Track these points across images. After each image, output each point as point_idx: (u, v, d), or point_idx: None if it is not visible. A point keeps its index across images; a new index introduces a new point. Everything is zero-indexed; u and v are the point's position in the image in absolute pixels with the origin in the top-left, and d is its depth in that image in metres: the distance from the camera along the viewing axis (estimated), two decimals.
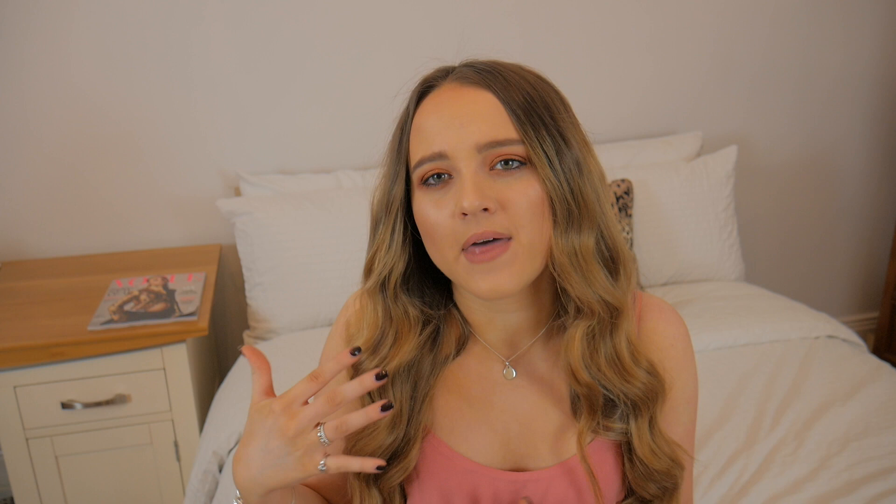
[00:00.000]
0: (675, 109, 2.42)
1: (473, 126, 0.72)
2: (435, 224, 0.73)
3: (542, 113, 0.73)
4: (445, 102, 0.74)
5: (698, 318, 1.89)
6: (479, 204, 0.69)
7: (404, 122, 0.78)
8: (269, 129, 2.13)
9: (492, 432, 0.82)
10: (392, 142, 0.79)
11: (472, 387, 0.83)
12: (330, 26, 2.08)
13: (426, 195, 0.74)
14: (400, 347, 0.79)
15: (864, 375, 1.68)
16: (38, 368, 1.63)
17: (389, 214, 0.78)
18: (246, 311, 2.03)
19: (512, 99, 0.73)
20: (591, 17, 2.25)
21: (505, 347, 0.83)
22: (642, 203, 2.09)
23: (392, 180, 0.78)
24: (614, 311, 0.76)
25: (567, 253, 0.73)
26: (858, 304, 2.92)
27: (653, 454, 0.78)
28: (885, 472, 1.36)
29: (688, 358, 0.85)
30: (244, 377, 1.75)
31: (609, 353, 0.77)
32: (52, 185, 2.05)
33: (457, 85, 0.75)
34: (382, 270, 0.78)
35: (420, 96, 0.78)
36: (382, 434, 0.79)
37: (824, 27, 2.45)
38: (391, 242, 0.78)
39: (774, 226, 2.68)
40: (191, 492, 1.58)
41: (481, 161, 0.72)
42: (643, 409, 0.78)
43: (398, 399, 0.79)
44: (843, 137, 2.63)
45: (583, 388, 0.77)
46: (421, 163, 0.74)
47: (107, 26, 1.95)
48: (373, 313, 0.80)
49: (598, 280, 0.74)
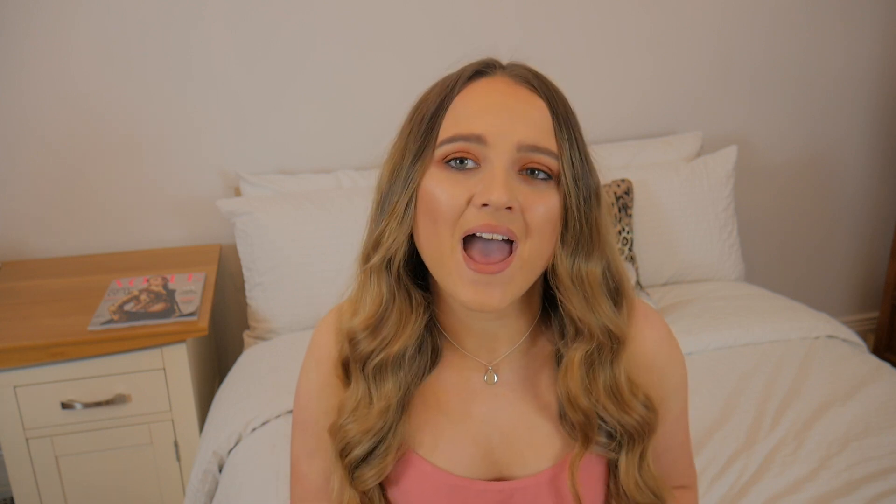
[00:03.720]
0: (675, 109, 2.42)
1: (521, 124, 0.70)
2: (444, 204, 0.70)
3: (576, 133, 0.73)
4: (499, 90, 0.72)
5: (698, 318, 1.89)
6: (507, 201, 0.67)
7: (444, 98, 0.74)
8: (270, 129, 2.13)
9: (473, 444, 0.80)
10: (419, 116, 0.75)
11: (451, 399, 0.81)
12: (330, 26, 2.08)
13: (442, 173, 0.71)
14: (402, 331, 0.76)
15: (864, 375, 1.67)
16: (38, 368, 1.63)
17: (407, 189, 0.73)
18: (246, 311, 2.03)
19: (559, 112, 0.73)
20: (591, 16, 2.25)
21: (483, 353, 0.81)
22: (642, 203, 2.09)
23: (415, 154, 0.73)
24: (615, 340, 0.76)
25: (572, 275, 0.73)
26: (858, 304, 2.92)
27: (637, 487, 0.78)
28: (885, 472, 1.36)
29: (675, 356, 0.84)
30: (244, 377, 1.75)
31: (608, 382, 0.76)
32: (53, 185, 2.05)
33: (511, 80, 0.74)
34: (391, 246, 0.74)
35: (469, 78, 0.75)
36: (373, 417, 0.77)
37: (824, 27, 2.45)
38: (403, 217, 0.73)
39: (774, 226, 2.68)
40: (191, 492, 1.58)
41: (515, 160, 0.70)
42: (637, 441, 0.78)
43: (393, 388, 0.78)
44: (843, 137, 2.63)
45: (579, 416, 0.76)
46: (453, 139, 0.71)
47: (108, 27, 1.95)
48: (375, 290, 0.76)
49: (603, 308, 0.74)
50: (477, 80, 0.74)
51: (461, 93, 0.74)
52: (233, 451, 1.54)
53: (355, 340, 0.78)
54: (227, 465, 1.54)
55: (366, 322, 0.77)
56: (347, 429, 0.79)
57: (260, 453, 1.48)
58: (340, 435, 0.79)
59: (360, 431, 0.78)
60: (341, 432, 0.79)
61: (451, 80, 0.75)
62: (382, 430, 0.78)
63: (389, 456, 0.78)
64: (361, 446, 0.78)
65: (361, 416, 0.78)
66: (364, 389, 0.79)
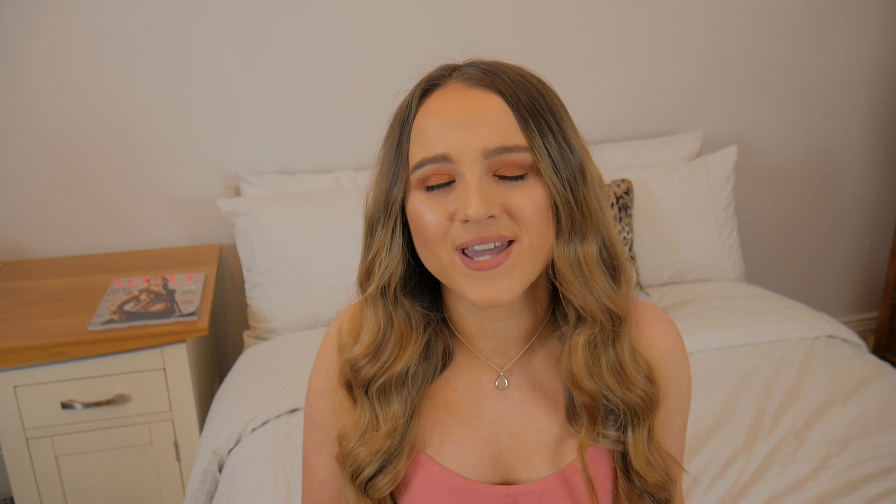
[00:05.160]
0: (675, 109, 2.42)
1: (481, 130, 0.69)
2: (429, 225, 0.71)
3: (548, 118, 0.71)
4: (451, 103, 0.71)
5: (698, 318, 1.89)
6: (485, 212, 0.67)
7: (404, 121, 0.74)
8: (269, 129, 2.13)
9: (482, 445, 0.80)
10: (388, 141, 0.76)
11: (461, 400, 0.81)
12: (329, 26, 2.08)
13: (423, 195, 0.72)
14: (403, 351, 0.77)
15: (864, 375, 1.67)
16: (38, 368, 1.63)
17: (389, 216, 0.75)
18: (246, 311, 2.03)
19: (520, 102, 0.70)
20: (591, 17, 2.25)
21: (496, 356, 0.81)
22: (642, 203, 2.09)
23: (391, 180, 0.74)
24: (616, 319, 0.75)
25: (570, 262, 0.72)
26: (858, 304, 2.92)
27: (648, 465, 0.78)
28: (885, 472, 1.36)
29: (683, 366, 0.84)
30: (244, 377, 1.75)
31: (611, 362, 0.76)
32: (53, 185, 2.05)
33: (462, 85, 0.72)
34: (383, 275, 0.75)
35: (423, 94, 0.74)
36: (381, 439, 0.78)
37: (824, 27, 2.45)
38: (391, 245, 0.75)
39: (774, 226, 2.68)
40: (191, 492, 1.58)
41: (487, 167, 0.69)
42: (642, 418, 0.77)
43: (399, 408, 0.78)
44: (843, 138, 2.63)
45: (585, 397, 0.76)
46: (422, 164, 0.71)
47: (107, 27, 1.95)
48: (373, 319, 0.78)
49: (601, 287, 0.73)
50: (430, 95, 0.73)
51: (418, 113, 0.73)
52: (233, 451, 1.54)
53: (357, 367, 0.79)
54: (227, 465, 1.54)
55: (366, 350, 0.78)
56: (356, 453, 0.79)
57: (260, 453, 1.48)
58: (350, 461, 0.79)
59: (369, 454, 0.78)
60: (350, 458, 0.79)
61: (406, 102, 0.75)
62: (391, 448, 0.78)
63: (402, 462, 0.79)
64: (372, 466, 0.78)
65: (369, 439, 0.78)
66: (370, 413, 0.79)
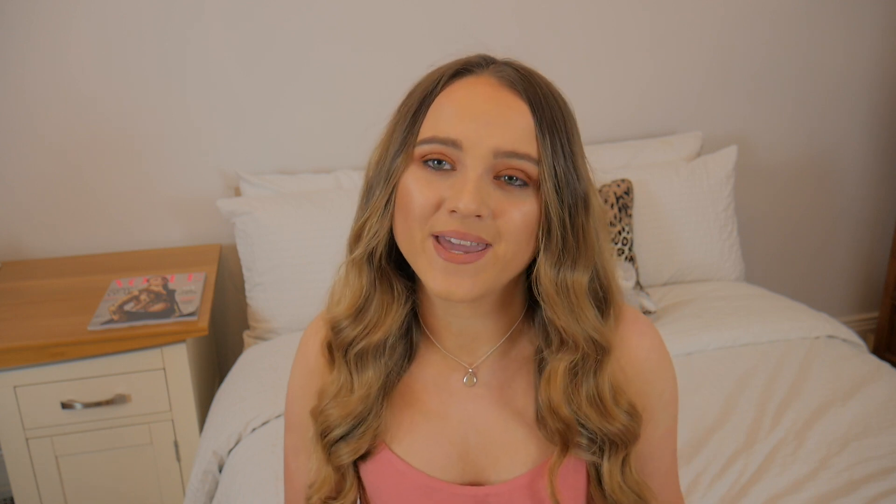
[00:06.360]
0: (675, 109, 2.42)
1: (498, 130, 0.68)
2: (416, 204, 0.70)
3: (564, 139, 0.71)
4: (479, 94, 0.70)
5: (698, 318, 1.89)
6: (475, 209, 0.66)
7: (427, 94, 0.73)
8: (269, 129, 2.13)
9: (449, 445, 0.80)
10: (404, 107, 0.74)
11: (429, 398, 0.81)
12: (329, 26, 2.08)
13: (420, 171, 0.71)
14: (384, 318, 0.77)
15: (864, 375, 1.67)
16: (38, 368, 1.63)
17: (388, 183, 0.73)
18: (246, 311, 2.03)
19: (543, 116, 0.70)
20: (591, 17, 2.25)
21: (464, 354, 0.81)
22: (642, 203, 2.09)
23: (398, 148, 0.73)
24: (600, 350, 0.74)
25: (556, 284, 0.71)
26: (858, 304, 2.92)
27: (621, 490, 0.78)
28: (885, 472, 1.36)
29: (663, 367, 0.83)
30: (244, 377, 1.75)
31: (591, 392, 0.75)
32: (53, 185, 2.05)
33: (495, 81, 0.72)
34: (371, 240, 0.75)
35: (454, 75, 0.73)
36: (354, 403, 0.78)
37: (825, 27, 2.45)
38: (384, 211, 0.74)
39: (774, 226, 2.68)
40: (191, 492, 1.58)
41: (491, 167, 0.69)
42: (619, 448, 0.77)
43: (373, 376, 0.78)
44: (843, 138, 2.63)
45: (560, 424, 0.75)
46: (430, 141, 0.70)
47: (108, 27, 1.95)
48: (357, 282, 0.77)
49: (588, 317, 0.73)
50: (461, 79, 0.73)
51: (444, 91, 0.72)
52: (233, 451, 1.54)
53: (339, 328, 0.79)
54: (227, 465, 1.54)
55: (348, 310, 0.78)
56: (328, 413, 0.80)
57: (260, 453, 1.48)
58: (322, 418, 0.81)
59: (340, 416, 0.79)
60: (322, 416, 0.81)
61: (435, 76, 0.74)
62: (363, 413, 0.79)
63: (366, 437, 0.79)
64: (341, 427, 0.79)
65: (342, 401, 0.79)
66: (346, 376, 0.80)
